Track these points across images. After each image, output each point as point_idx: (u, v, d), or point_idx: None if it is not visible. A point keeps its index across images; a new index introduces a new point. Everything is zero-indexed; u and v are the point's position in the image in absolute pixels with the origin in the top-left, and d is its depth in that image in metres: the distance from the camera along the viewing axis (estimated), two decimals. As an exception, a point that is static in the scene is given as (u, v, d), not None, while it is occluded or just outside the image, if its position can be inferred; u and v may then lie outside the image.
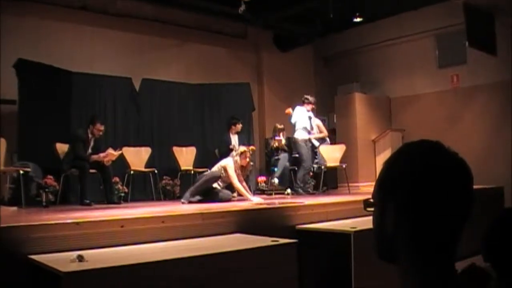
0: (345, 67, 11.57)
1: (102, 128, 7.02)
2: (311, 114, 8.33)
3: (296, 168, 8.33)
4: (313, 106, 8.32)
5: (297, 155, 8.36)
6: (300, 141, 8.06)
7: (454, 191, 0.92)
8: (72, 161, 6.77)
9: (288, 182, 8.41)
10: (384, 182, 0.98)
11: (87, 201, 6.39)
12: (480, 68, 9.23)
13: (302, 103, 8.28)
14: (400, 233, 0.94)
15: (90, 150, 6.91)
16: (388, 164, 0.99)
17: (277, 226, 4.65)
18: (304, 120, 8.16)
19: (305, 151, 8.00)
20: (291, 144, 8.56)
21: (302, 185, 7.96)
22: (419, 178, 0.92)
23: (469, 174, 0.94)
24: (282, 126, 8.82)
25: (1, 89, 6.52)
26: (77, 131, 6.99)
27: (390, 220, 0.95)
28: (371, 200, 1.01)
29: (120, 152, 7.08)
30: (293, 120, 8.21)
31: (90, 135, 6.94)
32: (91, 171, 6.79)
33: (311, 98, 8.27)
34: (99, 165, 6.85)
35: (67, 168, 6.78)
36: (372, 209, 1.01)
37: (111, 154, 6.88)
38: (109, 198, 6.81)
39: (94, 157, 6.82)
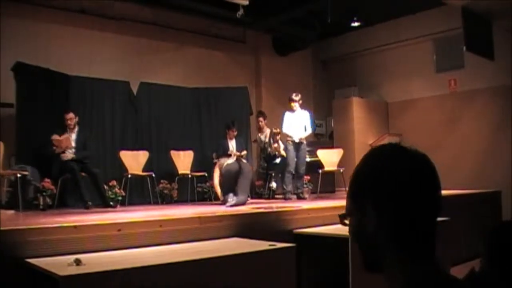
0: (343, 71, 11.60)
1: (70, 115, 6.87)
2: (302, 112, 7.96)
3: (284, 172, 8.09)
4: (294, 102, 7.84)
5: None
6: (287, 144, 7.85)
7: (419, 187, 0.96)
8: (57, 166, 6.71)
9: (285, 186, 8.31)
10: (361, 185, 1.03)
11: (88, 204, 6.34)
12: (478, 73, 9.27)
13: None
14: (381, 234, 0.97)
15: (74, 144, 6.81)
16: (359, 169, 1.05)
17: (275, 230, 4.65)
18: (291, 124, 7.87)
19: (291, 155, 7.75)
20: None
21: (291, 189, 7.74)
22: (387, 179, 0.96)
23: (431, 169, 0.98)
24: (278, 130, 8.65)
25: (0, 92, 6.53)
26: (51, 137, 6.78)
27: (371, 222, 0.98)
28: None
29: (66, 136, 6.74)
30: (283, 130, 7.99)
31: (67, 132, 6.83)
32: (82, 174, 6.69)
33: (293, 96, 7.87)
34: (86, 168, 6.73)
35: (55, 176, 6.71)
36: (348, 220, 1.04)
37: (57, 140, 6.64)
38: (103, 202, 6.70)
39: (54, 139, 6.62)
